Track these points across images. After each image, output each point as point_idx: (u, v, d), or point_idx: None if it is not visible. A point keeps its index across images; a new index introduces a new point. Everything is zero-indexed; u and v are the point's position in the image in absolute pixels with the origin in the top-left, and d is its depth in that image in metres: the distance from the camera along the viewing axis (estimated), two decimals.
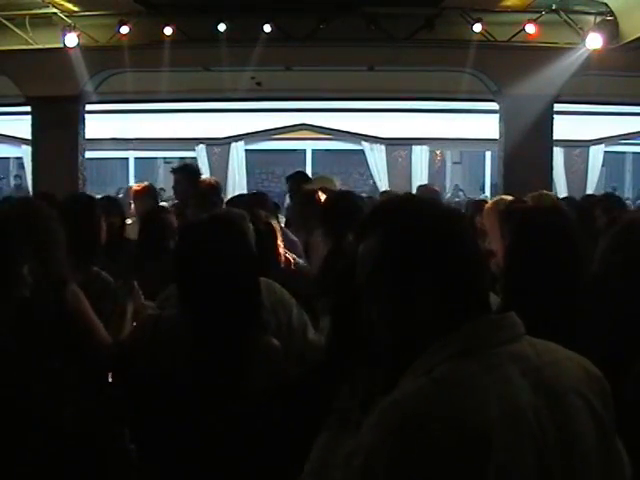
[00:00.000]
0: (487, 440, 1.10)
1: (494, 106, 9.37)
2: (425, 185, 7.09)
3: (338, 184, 5.18)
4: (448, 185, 17.56)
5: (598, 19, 8.23)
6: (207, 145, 13.91)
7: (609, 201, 5.37)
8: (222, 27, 8.19)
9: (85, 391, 2.33)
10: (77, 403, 2.29)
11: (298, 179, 6.24)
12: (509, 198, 3.82)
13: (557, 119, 8.99)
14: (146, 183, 6.17)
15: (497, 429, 1.11)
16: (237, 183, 13.30)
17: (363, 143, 13.70)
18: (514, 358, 1.20)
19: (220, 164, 13.93)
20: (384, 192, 6.16)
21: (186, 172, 5.68)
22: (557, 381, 1.22)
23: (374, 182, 13.78)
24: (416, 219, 1.27)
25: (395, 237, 1.25)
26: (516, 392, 1.16)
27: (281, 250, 3.58)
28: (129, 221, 5.14)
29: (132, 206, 6.07)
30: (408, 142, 13.88)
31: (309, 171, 14.77)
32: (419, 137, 13.64)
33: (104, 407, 2.35)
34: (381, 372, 1.47)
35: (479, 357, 1.19)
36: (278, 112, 12.76)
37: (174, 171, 5.88)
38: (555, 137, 9.09)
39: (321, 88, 10.49)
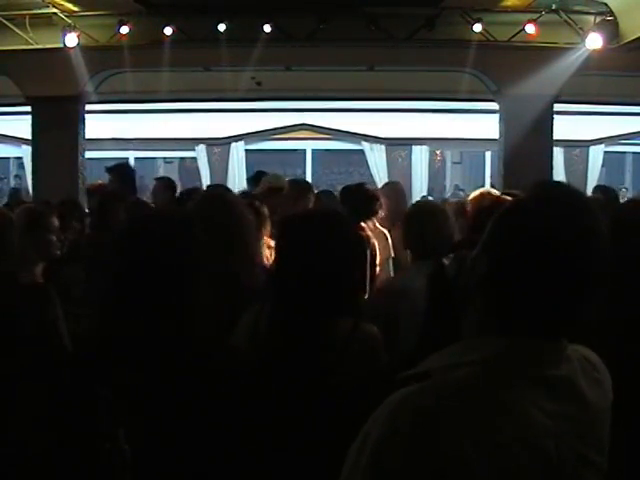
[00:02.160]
0: (491, 462, 1.09)
1: (494, 106, 9.36)
2: (395, 182, 6.83)
3: (286, 183, 5.32)
4: (448, 185, 17.56)
5: (598, 19, 8.23)
6: (207, 145, 13.91)
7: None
8: (222, 27, 8.20)
9: None
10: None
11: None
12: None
13: (557, 119, 8.98)
14: (100, 181, 6.34)
15: (505, 454, 1.09)
16: (237, 183, 13.30)
17: (363, 143, 13.69)
18: (550, 382, 1.16)
19: (220, 164, 13.92)
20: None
21: (119, 172, 5.84)
22: (588, 409, 1.20)
23: (374, 182, 13.78)
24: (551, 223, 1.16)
25: (523, 235, 1.17)
26: (535, 423, 1.12)
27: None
28: None
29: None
30: (408, 142, 13.86)
31: (309, 171, 14.82)
32: (419, 137, 13.63)
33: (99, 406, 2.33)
34: None
35: (510, 375, 1.15)
36: (278, 112, 12.75)
37: (108, 170, 6.03)
38: (555, 137, 9.08)
39: (321, 88, 10.49)
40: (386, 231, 5.02)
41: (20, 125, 10.78)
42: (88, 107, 9.42)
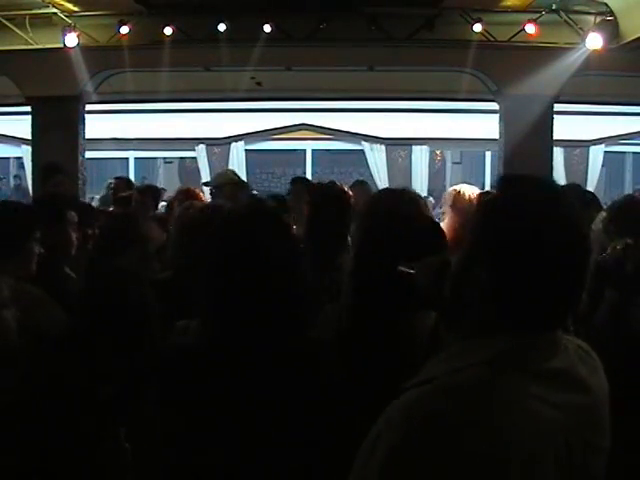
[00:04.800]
0: (507, 461, 1.09)
1: (494, 106, 9.36)
2: (362, 182, 6.61)
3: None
4: (448, 185, 17.55)
5: (598, 19, 8.22)
6: (207, 145, 13.90)
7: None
8: (222, 27, 8.20)
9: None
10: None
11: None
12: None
13: (557, 119, 8.98)
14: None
15: (519, 451, 1.09)
16: None
17: (363, 143, 13.68)
18: (553, 374, 1.17)
19: (220, 164, 13.89)
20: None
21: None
22: (592, 396, 1.21)
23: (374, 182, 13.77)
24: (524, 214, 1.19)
25: (497, 225, 1.21)
26: (544, 419, 1.13)
27: None
28: None
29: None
30: (408, 142, 13.86)
31: (309, 171, 14.80)
32: (419, 137, 13.63)
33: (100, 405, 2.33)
34: None
35: (515, 373, 1.16)
36: (278, 112, 12.75)
37: (55, 171, 6.12)
38: (555, 137, 9.08)
39: (321, 88, 10.48)
40: None
41: (20, 125, 10.78)
42: (88, 107, 9.42)
